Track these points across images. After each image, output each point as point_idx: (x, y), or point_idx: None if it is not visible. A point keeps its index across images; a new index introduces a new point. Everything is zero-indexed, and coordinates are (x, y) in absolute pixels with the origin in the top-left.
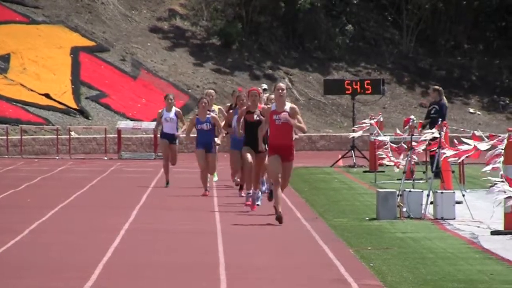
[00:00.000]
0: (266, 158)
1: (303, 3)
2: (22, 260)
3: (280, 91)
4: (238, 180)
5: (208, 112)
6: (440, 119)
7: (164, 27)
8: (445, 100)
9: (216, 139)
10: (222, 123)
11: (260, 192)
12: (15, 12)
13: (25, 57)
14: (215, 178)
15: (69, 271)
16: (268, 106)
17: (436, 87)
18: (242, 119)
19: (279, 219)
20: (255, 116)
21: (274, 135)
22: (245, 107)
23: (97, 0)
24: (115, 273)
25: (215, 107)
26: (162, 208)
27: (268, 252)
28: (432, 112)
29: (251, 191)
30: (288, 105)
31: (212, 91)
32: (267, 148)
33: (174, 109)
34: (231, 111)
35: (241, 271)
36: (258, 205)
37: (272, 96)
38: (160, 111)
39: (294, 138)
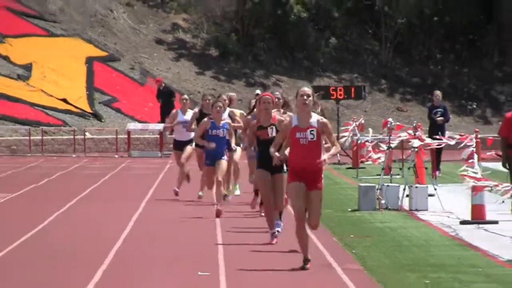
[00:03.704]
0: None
1: (293, 17)
2: (43, 247)
3: (305, 97)
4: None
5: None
6: (446, 121)
7: (169, 39)
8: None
9: (232, 145)
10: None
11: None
12: (36, 26)
13: (45, 66)
14: (237, 192)
15: (84, 257)
16: (286, 119)
17: (439, 92)
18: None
19: (305, 262)
20: (269, 132)
21: (297, 157)
22: (254, 121)
23: (109, 15)
24: (126, 259)
25: (237, 112)
26: (168, 201)
27: (264, 243)
28: (439, 114)
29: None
30: (315, 118)
31: (233, 94)
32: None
33: (190, 111)
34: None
35: (238, 256)
36: (278, 231)
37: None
38: (174, 111)
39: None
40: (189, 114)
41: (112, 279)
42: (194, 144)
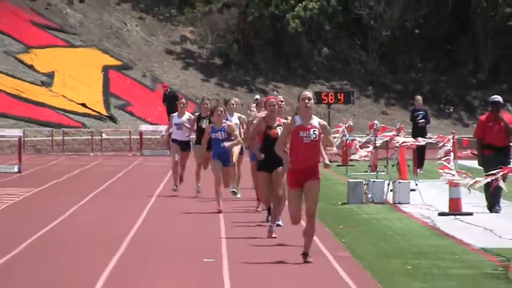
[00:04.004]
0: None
1: (289, 30)
2: (64, 236)
3: (307, 101)
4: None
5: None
6: (427, 122)
7: (177, 50)
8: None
9: (226, 143)
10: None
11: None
12: (58, 38)
13: (66, 74)
14: (238, 195)
15: (100, 245)
16: (289, 120)
17: (420, 96)
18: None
19: (305, 256)
20: (279, 132)
21: (299, 156)
22: (262, 122)
23: (123, 27)
24: (138, 247)
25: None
26: (176, 196)
27: (262, 236)
28: (420, 117)
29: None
30: (316, 120)
31: (237, 100)
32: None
33: (187, 114)
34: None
35: (240, 246)
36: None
37: (262, 113)
38: (172, 115)
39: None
40: (185, 116)
41: (127, 263)
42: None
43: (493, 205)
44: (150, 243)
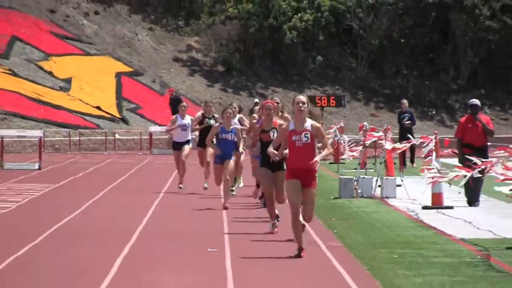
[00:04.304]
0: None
1: (286, 40)
2: (81, 228)
3: (301, 104)
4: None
5: (233, 123)
6: (413, 124)
7: (183, 58)
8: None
9: (240, 148)
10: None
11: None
12: (74, 46)
13: (82, 79)
14: (241, 184)
15: (113, 236)
16: (285, 124)
17: (406, 100)
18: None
19: (299, 253)
20: (271, 135)
21: (294, 157)
22: (258, 125)
23: (134, 37)
24: (147, 238)
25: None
26: (182, 191)
27: (260, 226)
28: (406, 118)
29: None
30: (309, 123)
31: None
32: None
33: (187, 116)
34: (255, 121)
35: (241, 237)
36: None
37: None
38: (174, 116)
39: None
40: (187, 119)
41: (137, 253)
42: (191, 144)
43: (472, 200)
44: (159, 234)
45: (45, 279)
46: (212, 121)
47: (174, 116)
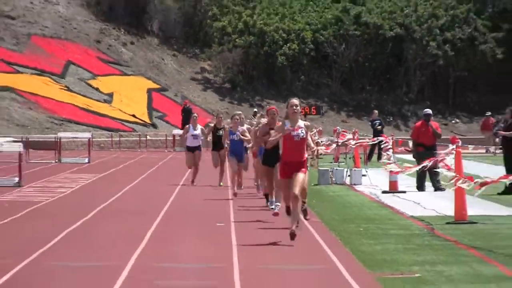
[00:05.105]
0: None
1: (278, 64)
2: (121, 207)
3: (294, 107)
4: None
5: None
6: (382, 128)
7: (199, 77)
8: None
9: (248, 146)
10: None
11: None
12: (115, 69)
13: (122, 94)
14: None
15: (143, 215)
16: (281, 124)
17: (376, 110)
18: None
19: (292, 235)
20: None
21: (288, 152)
22: (266, 125)
23: (161, 62)
24: (170, 216)
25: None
26: (197, 183)
27: (262, 214)
28: (377, 124)
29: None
30: (301, 122)
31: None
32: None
33: (198, 126)
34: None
35: (244, 215)
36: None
37: (263, 120)
38: (187, 126)
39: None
40: (197, 129)
41: (163, 227)
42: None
43: (420, 186)
44: (179, 212)
45: (95, 245)
46: (221, 132)
47: (187, 126)
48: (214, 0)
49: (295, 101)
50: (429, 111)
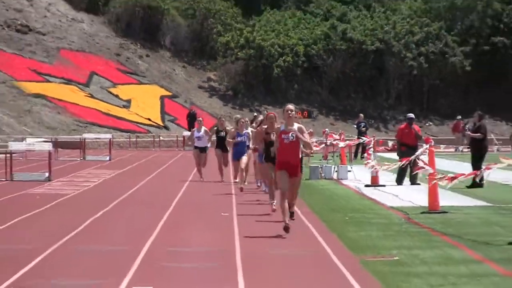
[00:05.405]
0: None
1: (274, 74)
2: (137, 199)
3: (289, 112)
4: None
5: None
6: (366, 130)
7: (205, 86)
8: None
9: (251, 146)
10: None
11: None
12: (132, 78)
13: (138, 100)
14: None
15: (157, 205)
16: (278, 126)
17: (362, 114)
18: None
19: (286, 229)
20: (271, 137)
21: (282, 153)
22: (264, 128)
23: (173, 72)
24: (181, 207)
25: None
26: (205, 179)
27: (261, 207)
28: (362, 126)
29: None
30: (296, 126)
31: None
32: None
33: (203, 128)
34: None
35: (245, 207)
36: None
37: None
38: (193, 129)
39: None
40: (202, 130)
41: (174, 216)
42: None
43: (399, 181)
44: (188, 204)
45: (115, 232)
46: (222, 133)
47: (193, 129)
48: (219, 19)
49: (291, 106)
50: (412, 115)
